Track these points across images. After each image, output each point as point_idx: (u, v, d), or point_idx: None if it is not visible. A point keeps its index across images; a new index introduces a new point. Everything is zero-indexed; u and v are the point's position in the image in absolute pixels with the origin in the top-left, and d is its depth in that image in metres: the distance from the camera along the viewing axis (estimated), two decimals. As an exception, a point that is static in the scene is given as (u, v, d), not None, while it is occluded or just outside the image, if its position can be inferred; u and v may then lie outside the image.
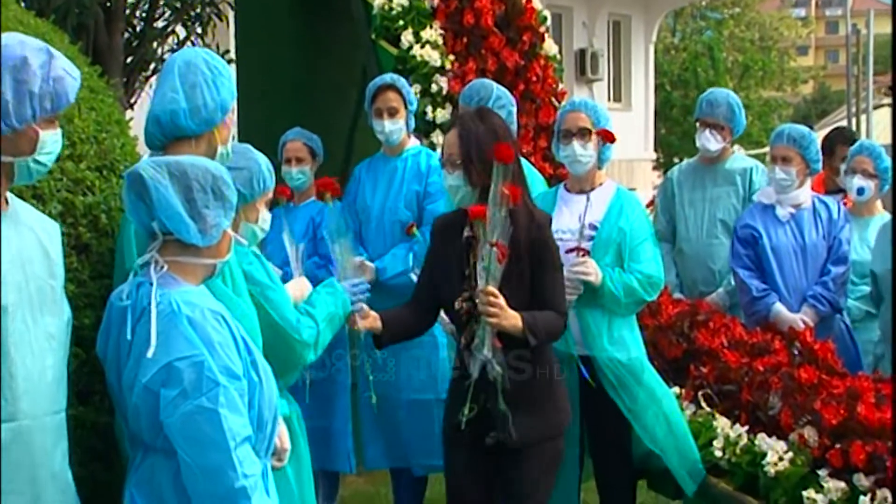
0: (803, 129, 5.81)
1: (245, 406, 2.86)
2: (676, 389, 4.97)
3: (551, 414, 4.11)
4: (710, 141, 6.18)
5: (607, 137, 4.76)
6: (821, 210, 5.68)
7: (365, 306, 4.06)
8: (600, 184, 4.85)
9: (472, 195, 3.98)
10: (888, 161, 6.02)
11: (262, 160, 3.77)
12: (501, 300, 3.86)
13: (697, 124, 6.29)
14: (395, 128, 5.59)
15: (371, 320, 4.07)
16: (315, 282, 4.29)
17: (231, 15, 9.09)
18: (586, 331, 4.66)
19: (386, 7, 6.48)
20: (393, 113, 5.58)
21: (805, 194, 5.70)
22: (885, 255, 5.56)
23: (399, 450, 5.64)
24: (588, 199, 4.75)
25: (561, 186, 4.93)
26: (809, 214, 5.66)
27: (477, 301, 3.89)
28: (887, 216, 5.95)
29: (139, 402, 2.84)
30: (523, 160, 5.12)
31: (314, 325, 3.77)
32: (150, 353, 2.78)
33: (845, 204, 6.20)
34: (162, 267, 2.92)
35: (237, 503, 2.78)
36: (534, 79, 6.63)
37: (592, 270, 4.61)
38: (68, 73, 2.90)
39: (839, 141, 6.89)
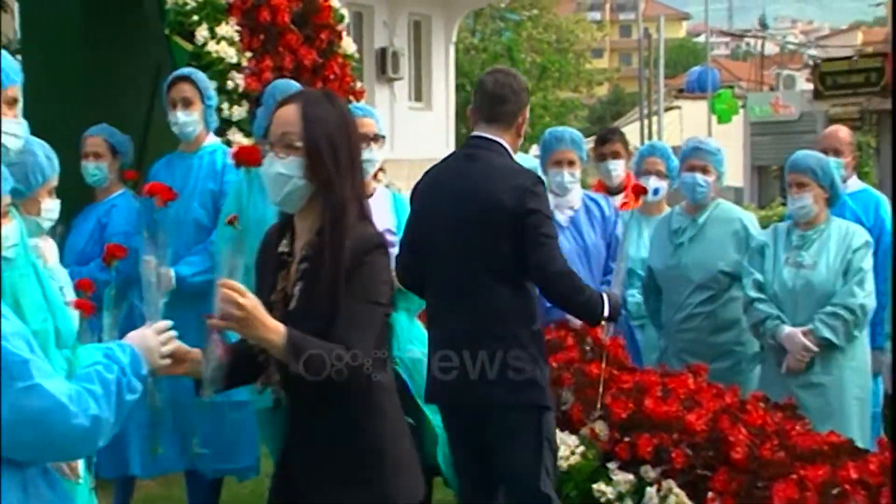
0: (574, 130, 6.01)
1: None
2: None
3: (377, 482, 3.14)
4: None
5: None
6: (593, 208, 5.80)
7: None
8: (374, 189, 4.90)
9: (304, 191, 3.11)
10: (675, 161, 6.22)
11: (39, 151, 3.65)
12: (251, 299, 2.93)
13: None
14: (188, 119, 5.52)
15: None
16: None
17: (16, 6, 8.78)
18: (400, 331, 4.74)
19: (180, 2, 6.36)
20: (187, 104, 5.53)
21: (577, 196, 5.82)
22: (662, 252, 5.85)
23: (193, 453, 5.55)
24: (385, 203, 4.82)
25: None
26: (584, 215, 5.78)
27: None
28: (677, 210, 6.16)
29: None
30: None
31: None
32: None
33: (625, 206, 6.42)
34: None
35: (96, 433, 2.68)
36: (331, 77, 6.62)
37: None
38: None
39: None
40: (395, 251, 4.69)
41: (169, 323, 2.95)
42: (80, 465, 3.37)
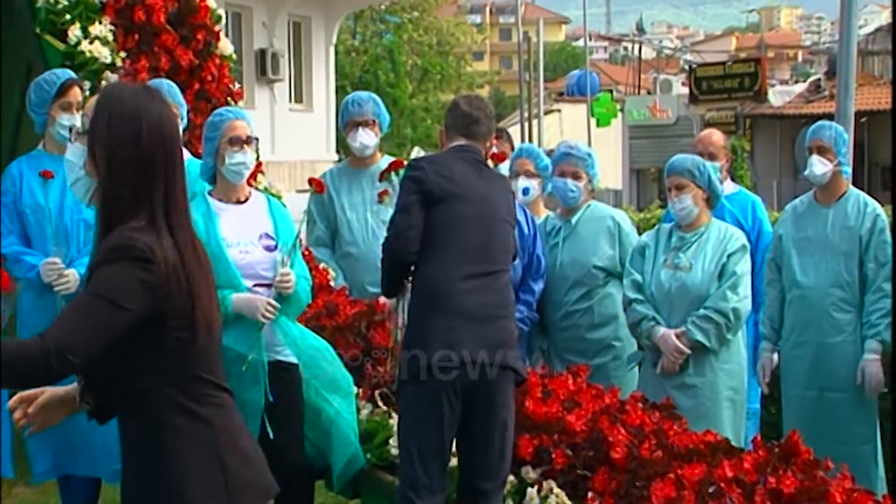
0: None
1: None
2: (354, 389, 5.00)
3: (160, 475, 3.00)
4: (365, 137, 6.25)
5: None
6: None
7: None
8: (249, 193, 4.85)
9: (86, 184, 3.03)
10: (546, 160, 6.28)
11: None
12: None
13: (346, 127, 6.32)
14: (80, 123, 5.44)
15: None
16: None
17: None
18: (286, 332, 4.67)
19: (51, 0, 6.21)
20: (79, 108, 5.45)
21: None
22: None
23: (72, 457, 5.43)
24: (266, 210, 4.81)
25: (208, 196, 4.78)
26: None
27: None
28: (552, 216, 6.20)
29: None
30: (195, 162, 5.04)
31: None
32: None
33: None
34: None
35: None
36: (209, 78, 6.53)
37: (292, 282, 4.66)
38: None
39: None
40: (274, 255, 4.66)
41: None
42: None
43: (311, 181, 5.18)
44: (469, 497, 4.40)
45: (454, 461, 4.44)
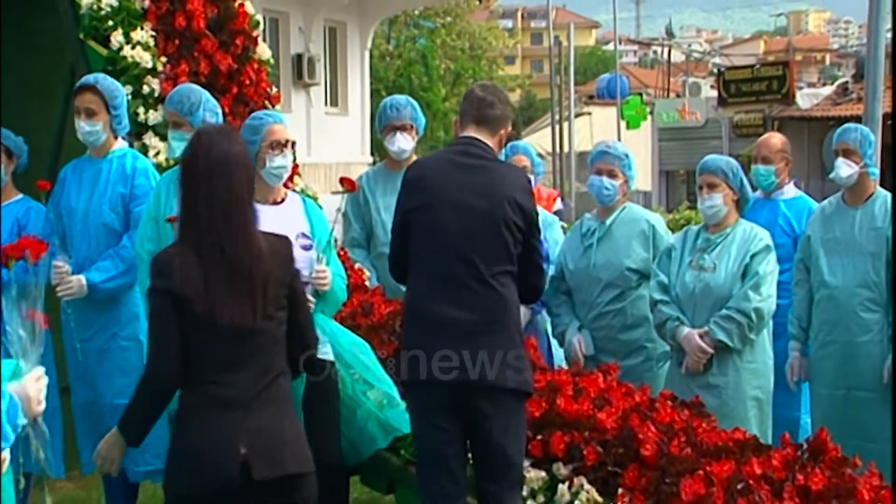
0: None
1: None
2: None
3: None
4: (403, 142, 6.33)
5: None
6: None
7: None
8: (285, 195, 4.93)
9: None
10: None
11: None
12: None
13: (384, 130, 6.40)
14: (91, 129, 5.50)
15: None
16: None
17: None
18: (323, 328, 4.72)
19: (95, 7, 6.33)
20: (90, 114, 5.50)
21: None
22: (573, 255, 5.96)
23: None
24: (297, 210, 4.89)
25: None
26: None
27: None
28: (588, 217, 6.25)
29: None
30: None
31: None
32: None
33: None
34: None
35: None
36: (247, 82, 6.61)
37: (328, 279, 4.76)
38: None
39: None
40: (311, 254, 4.76)
41: (42, 369, 3.08)
42: (6, 455, 3.33)
43: (342, 180, 5.25)
44: (480, 498, 4.41)
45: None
